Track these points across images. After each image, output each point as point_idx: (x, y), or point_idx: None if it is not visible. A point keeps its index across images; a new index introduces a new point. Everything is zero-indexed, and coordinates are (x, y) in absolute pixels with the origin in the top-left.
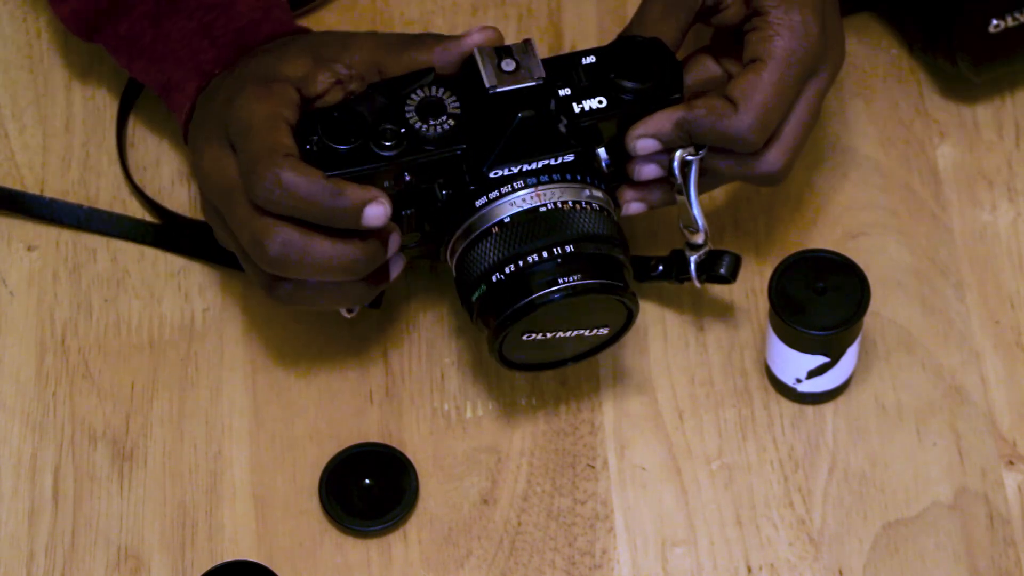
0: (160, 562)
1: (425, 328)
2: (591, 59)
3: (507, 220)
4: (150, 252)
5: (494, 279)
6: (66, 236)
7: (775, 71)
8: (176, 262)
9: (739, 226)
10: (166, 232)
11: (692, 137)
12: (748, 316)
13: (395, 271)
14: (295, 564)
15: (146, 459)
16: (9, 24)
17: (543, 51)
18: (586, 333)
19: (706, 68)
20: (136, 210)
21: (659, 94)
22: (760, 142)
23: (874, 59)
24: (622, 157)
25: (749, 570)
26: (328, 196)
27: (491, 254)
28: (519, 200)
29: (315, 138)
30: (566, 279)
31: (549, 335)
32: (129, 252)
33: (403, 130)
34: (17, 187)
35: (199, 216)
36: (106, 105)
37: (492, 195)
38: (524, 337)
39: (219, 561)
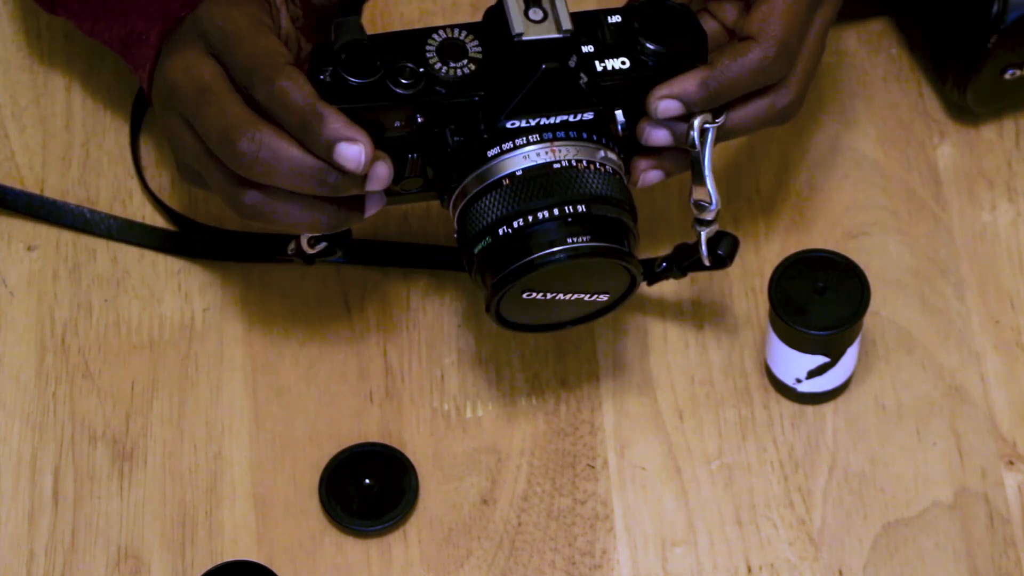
0: (160, 562)
1: (425, 328)
2: (616, 18)
3: (519, 173)
4: (150, 252)
5: (500, 232)
6: (66, 236)
7: None
8: (176, 262)
9: (739, 226)
10: (173, 237)
11: (718, 94)
12: (748, 316)
13: (371, 209)
14: (295, 564)
15: (146, 459)
16: (9, 24)
17: None
18: (586, 298)
19: (706, 25)
20: (136, 211)
21: (683, 61)
22: (785, 69)
23: (874, 59)
24: (638, 121)
25: (749, 570)
26: (309, 115)
27: (500, 206)
28: (533, 154)
29: (329, 69)
30: (574, 239)
31: (549, 295)
32: (129, 252)
33: (422, 69)
34: (17, 187)
35: (200, 218)
36: (106, 105)
37: (506, 146)
38: (524, 295)
39: (219, 561)
